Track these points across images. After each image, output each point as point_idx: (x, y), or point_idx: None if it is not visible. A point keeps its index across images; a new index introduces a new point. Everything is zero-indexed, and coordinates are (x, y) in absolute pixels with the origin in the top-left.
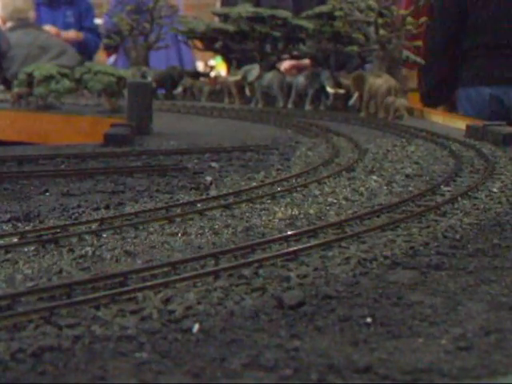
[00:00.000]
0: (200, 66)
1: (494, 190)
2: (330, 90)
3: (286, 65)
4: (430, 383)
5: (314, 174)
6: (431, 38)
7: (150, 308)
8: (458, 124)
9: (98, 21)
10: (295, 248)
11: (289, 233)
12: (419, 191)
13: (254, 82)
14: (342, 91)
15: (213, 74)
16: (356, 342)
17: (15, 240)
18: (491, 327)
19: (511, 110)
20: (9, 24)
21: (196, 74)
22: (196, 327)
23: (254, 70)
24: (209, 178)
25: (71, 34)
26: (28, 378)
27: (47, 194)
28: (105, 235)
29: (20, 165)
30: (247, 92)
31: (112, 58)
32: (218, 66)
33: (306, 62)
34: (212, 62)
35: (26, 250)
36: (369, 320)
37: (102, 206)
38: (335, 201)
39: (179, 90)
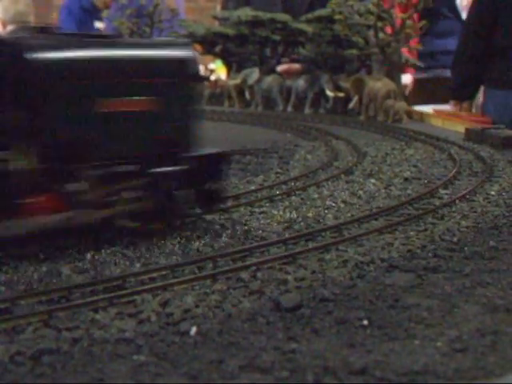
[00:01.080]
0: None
1: (492, 193)
2: (329, 93)
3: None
4: None
5: (312, 177)
6: (462, 37)
7: (148, 311)
8: (457, 127)
9: (99, 25)
10: (293, 251)
11: (287, 236)
12: (417, 194)
13: (254, 86)
14: (341, 94)
15: (213, 77)
16: (352, 344)
17: None
18: (487, 329)
19: None
20: (9, 27)
21: None
22: (194, 330)
23: (253, 74)
24: None
25: None
26: (27, 380)
27: None
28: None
29: None
30: (247, 95)
31: None
32: (218, 70)
33: (297, 66)
34: (212, 66)
35: None
36: (365, 322)
37: None
38: (333, 204)
39: None
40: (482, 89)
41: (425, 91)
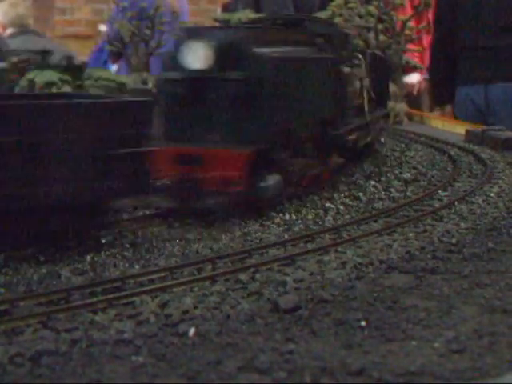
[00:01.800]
0: None
1: (491, 194)
2: None
3: None
4: None
5: None
6: (432, 41)
7: (147, 312)
8: (457, 129)
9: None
10: (292, 253)
11: (286, 238)
12: (417, 196)
13: None
14: None
15: None
16: (350, 345)
17: None
18: (484, 330)
19: (482, 110)
20: (9, 30)
21: None
22: (192, 331)
23: None
24: None
25: None
26: (26, 381)
27: None
28: (104, 241)
29: None
30: None
31: (115, 67)
32: None
33: None
34: None
35: None
36: (363, 323)
37: None
38: (332, 206)
39: None
40: None
41: None
